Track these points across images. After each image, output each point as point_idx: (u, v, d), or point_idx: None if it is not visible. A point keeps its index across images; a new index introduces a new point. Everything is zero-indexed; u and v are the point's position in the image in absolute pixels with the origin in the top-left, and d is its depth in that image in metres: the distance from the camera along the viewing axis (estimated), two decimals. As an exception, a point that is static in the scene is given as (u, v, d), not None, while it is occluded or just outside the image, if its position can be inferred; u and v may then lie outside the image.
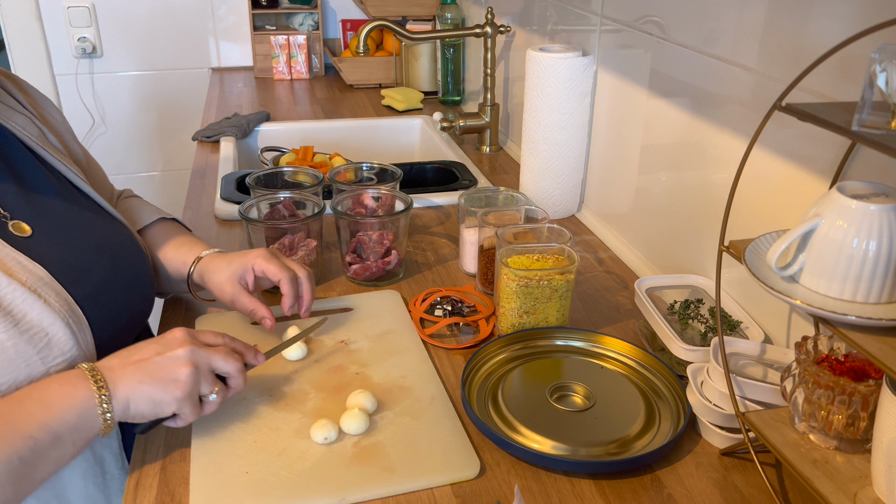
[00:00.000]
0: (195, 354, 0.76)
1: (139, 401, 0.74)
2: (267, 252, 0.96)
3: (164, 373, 0.74)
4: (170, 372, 0.74)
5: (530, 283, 0.95)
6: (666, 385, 0.90)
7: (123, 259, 0.91)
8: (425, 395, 0.89)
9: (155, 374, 0.74)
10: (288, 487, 0.75)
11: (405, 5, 2.25)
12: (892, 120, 0.57)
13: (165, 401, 0.74)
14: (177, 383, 0.74)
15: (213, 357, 0.78)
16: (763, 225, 0.90)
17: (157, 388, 0.74)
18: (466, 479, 0.77)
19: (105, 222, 0.93)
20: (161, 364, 0.75)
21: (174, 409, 0.75)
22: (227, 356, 0.79)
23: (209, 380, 0.77)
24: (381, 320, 1.04)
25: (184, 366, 0.75)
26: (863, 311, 0.62)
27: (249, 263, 0.95)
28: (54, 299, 0.78)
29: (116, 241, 0.92)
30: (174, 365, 0.75)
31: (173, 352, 0.76)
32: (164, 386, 0.74)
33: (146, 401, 0.74)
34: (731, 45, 0.94)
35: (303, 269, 0.97)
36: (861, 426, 0.68)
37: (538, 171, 1.36)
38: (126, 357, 0.76)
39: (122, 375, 0.74)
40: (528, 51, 1.32)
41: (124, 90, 2.45)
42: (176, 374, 0.74)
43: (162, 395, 0.74)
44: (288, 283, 0.94)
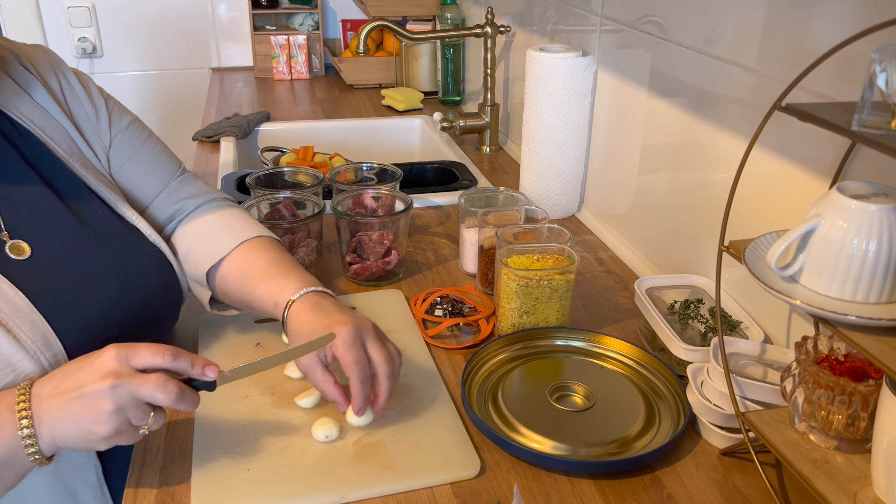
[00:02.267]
0: (116, 391, 0.68)
1: (65, 437, 0.69)
2: (349, 335, 0.80)
3: (86, 410, 0.68)
4: (91, 410, 0.68)
5: (530, 283, 0.95)
6: (666, 385, 0.90)
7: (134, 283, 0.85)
8: (426, 395, 0.89)
9: (77, 410, 0.68)
10: (289, 485, 0.75)
11: (405, 5, 2.25)
12: (892, 120, 0.57)
13: (91, 439, 0.69)
14: (99, 423, 0.68)
15: (140, 389, 0.68)
16: (763, 225, 0.90)
17: (81, 425, 0.68)
18: (467, 478, 0.77)
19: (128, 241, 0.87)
20: (82, 400, 0.68)
21: (105, 445, 0.70)
22: (157, 386, 0.69)
23: (139, 412, 0.69)
24: (384, 320, 1.04)
25: (105, 403, 0.67)
26: (863, 311, 0.62)
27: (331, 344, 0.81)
28: (28, 333, 0.74)
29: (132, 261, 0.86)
30: (95, 402, 0.67)
31: (94, 386, 0.68)
32: (86, 425, 0.68)
33: (72, 439, 0.69)
34: (731, 45, 0.94)
35: (387, 365, 0.81)
36: (861, 426, 0.68)
37: (538, 171, 1.36)
38: (57, 384, 0.70)
39: (47, 410, 0.69)
40: (528, 51, 1.32)
41: (124, 90, 2.44)
42: (97, 414, 0.68)
43: (86, 434, 0.68)
44: (358, 384, 0.79)
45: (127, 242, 0.87)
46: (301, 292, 0.86)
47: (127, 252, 0.86)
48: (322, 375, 0.82)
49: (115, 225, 0.87)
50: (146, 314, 0.86)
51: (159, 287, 0.89)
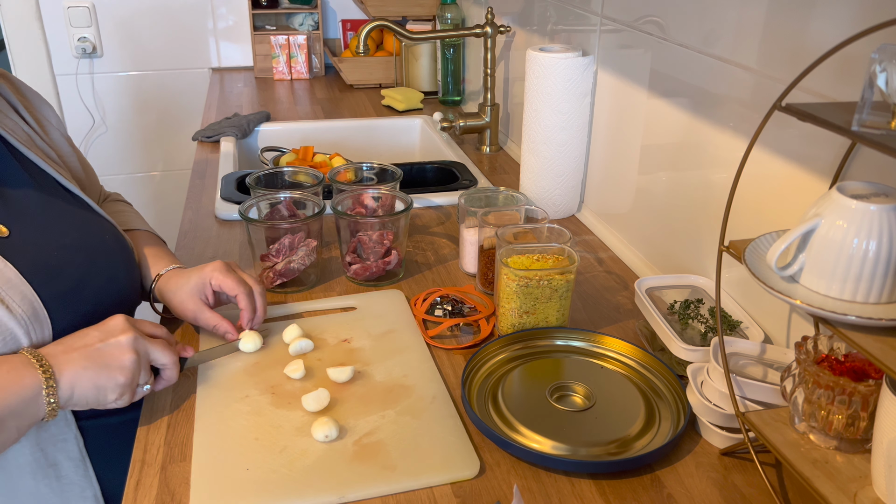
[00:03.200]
0: (137, 342, 0.78)
1: (83, 386, 0.75)
2: (223, 265, 0.96)
3: (109, 359, 0.76)
4: (114, 358, 0.76)
5: (530, 283, 0.95)
6: (666, 385, 0.90)
7: (102, 260, 0.92)
8: (426, 395, 0.89)
9: (99, 360, 0.76)
10: (288, 485, 0.75)
11: (405, 5, 2.25)
12: (892, 120, 0.57)
13: (109, 386, 0.76)
14: (121, 370, 0.76)
15: (152, 347, 0.80)
16: (763, 225, 0.90)
17: (101, 373, 0.76)
18: (466, 478, 0.77)
19: (87, 221, 0.94)
20: (105, 350, 0.76)
21: (116, 395, 0.77)
22: (164, 348, 0.81)
23: (146, 369, 0.80)
24: (385, 320, 1.04)
25: (127, 352, 0.77)
26: (863, 311, 0.62)
27: (206, 278, 0.96)
28: (18, 302, 0.79)
29: (96, 240, 0.93)
30: (118, 351, 0.77)
31: (116, 338, 0.77)
32: (108, 372, 0.76)
33: (90, 386, 0.75)
34: (731, 45, 0.94)
35: (257, 285, 0.98)
36: (861, 426, 0.68)
37: (538, 171, 1.36)
38: (69, 344, 0.77)
39: (66, 362, 0.75)
40: (528, 51, 1.32)
41: (124, 90, 2.45)
42: (120, 361, 0.76)
43: (106, 381, 0.76)
44: (245, 297, 0.95)
45: (89, 224, 0.94)
46: (167, 268, 1.00)
47: (91, 232, 0.93)
48: (210, 313, 0.95)
49: (77, 208, 0.94)
50: (113, 289, 0.92)
51: (122, 264, 0.95)
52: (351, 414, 0.86)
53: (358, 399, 0.88)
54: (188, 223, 1.36)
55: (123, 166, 2.53)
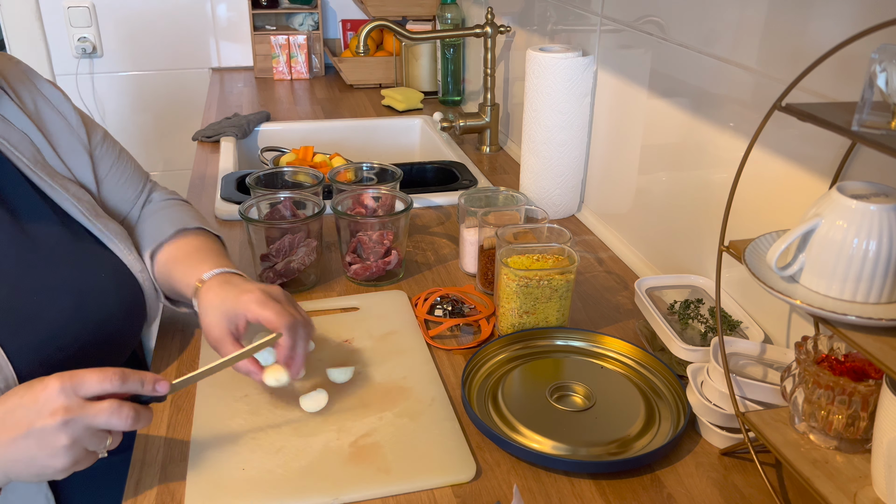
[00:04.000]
0: (69, 426, 0.66)
1: (19, 475, 0.68)
2: (262, 296, 0.83)
3: (39, 448, 0.66)
4: (44, 447, 0.66)
5: (530, 283, 0.95)
6: (666, 385, 0.90)
7: (91, 300, 0.84)
8: (425, 397, 0.89)
9: (29, 449, 0.66)
10: (283, 485, 0.75)
11: (405, 5, 2.25)
12: (892, 120, 0.57)
13: (47, 473, 0.68)
14: (54, 458, 0.66)
15: (94, 419, 0.67)
16: (763, 225, 0.90)
17: (33, 464, 0.67)
18: (462, 481, 0.77)
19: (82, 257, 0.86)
20: (33, 438, 0.66)
21: (63, 474, 0.68)
22: (112, 413, 0.67)
23: (95, 439, 0.68)
24: (387, 321, 1.04)
25: (59, 438, 0.66)
26: (863, 311, 0.62)
27: (242, 309, 0.83)
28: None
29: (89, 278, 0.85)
30: (48, 439, 0.66)
31: (44, 423, 0.65)
32: (41, 461, 0.66)
33: (26, 475, 0.68)
34: (731, 45, 0.94)
35: (303, 317, 0.84)
36: (861, 426, 0.68)
37: (538, 171, 1.36)
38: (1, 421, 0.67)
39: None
40: (528, 51, 1.32)
41: (124, 90, 2.45)
42: (52, 449, 0.66)
43: (41, 470, 0.67)
44: (288, 333, 0.81)
45: (86, 259, 0.86)
46: (212, 272, 0.88)
47: (85, 269, 0.85)
48: (231, 347, 0.83)
49: (75, 240, 0.86)
50: (104, 333, 0.85)
51: (119, 305, 0.87)
52: (349, 415, 0.85)
53: (356, 400, 0.88)
54: (188, 223, 1.36)
55: (123, 166, 2.53)
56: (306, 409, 0.86)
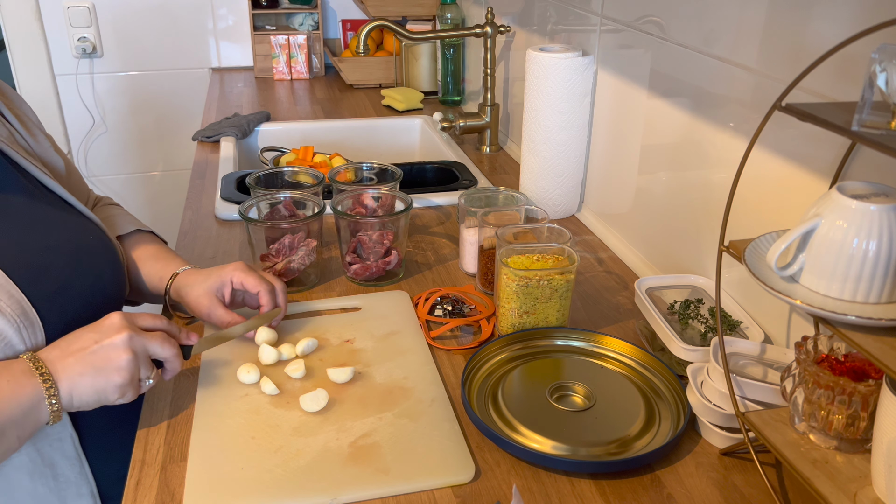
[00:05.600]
0: (133, 341, 0.77)
1: (82, 392, 0.75)
2: (244, 265, 0.97)
3: (105, 362, 0.76)
4: (110, 360, 0.76)
5: (530, 283, 0.95)
6: (666, 385, 0.90)
7: (86, 260, 0.90)
8: (426, 398, 0.89)
9: (95, 363, 0.75)
10: (281, 484, 0.75)
11: (405, 5, 2.25)
12: (892, 120, 0.57)
13: (108, 388, 0.76)
14: (118, 371, 0.76)
15: (150, 343, 0.79)
16: (763, 225, 0.90)
17: (98, 377, 0.75)
18: (461, 482, 0.77)
19: (71, 222, 0.93)
20: (100, 353, 0.76)
21: (117, 395, 0.77)
22: (163, 342, 0.81)
23: (147, 365, 0.79)
24: (388, 321, 1.04)
25: (123, 353, 0.76)
26: (863, 311, 0.62)
27: (227, 277, 0.96)
28: (6, 302, 0.78)
29: (81, 241, 0.92)
30: (114, 353, 0.76)
31: (111, 339, 0.76)
32: (105, 375, 0.76)
33: (90, 392, 0.76)
34: (731, 45, 0.94)
35: (278, 282, 0.99)
36: (861, 426, 0.68)
37: (538, 171, 1.36)
38: (65, 348, 0.77)
39: (63, 368, 0.75)
40: (528, 51, 1.32)
41: (124, 90, 2.45)
42: (116, 363, 0.76)
43: (104, 384, 0.76)
44: (266, 294, 0.96)
45: (73, 224, 0.93)
46: (184, 268, 1.01)
47: (74, 232, 0.92)
48: (223, 310, 0.95)
49: (60, 209, 0.93)
50: (99, 289, 0.91)
51: (108, 265, 0.94)
52: (349, 415, 0.85)
53: (356, 400, 0.88)
54: (188, 223, 1.36)
55: (123, 166, 2.53)
56: (306, 409, 0.86)
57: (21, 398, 0.73)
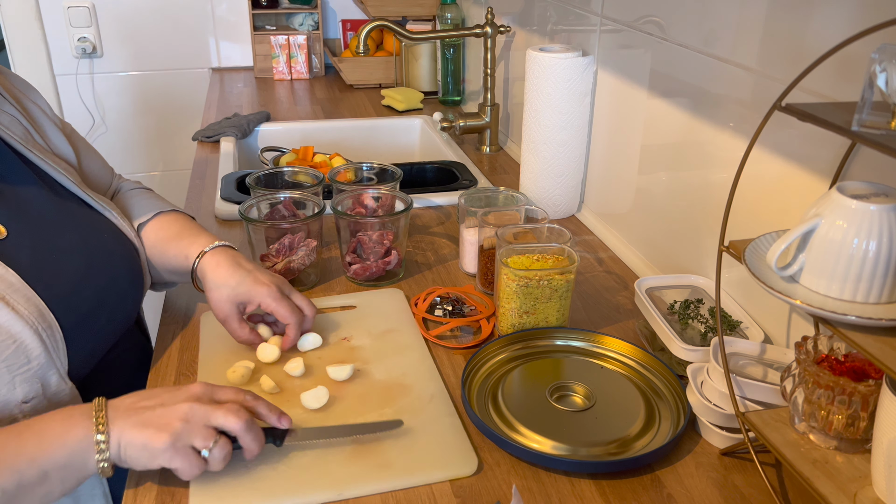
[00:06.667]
0: (192, 409, 0.73)
1: (129, 445, 0.71)
2: (277, 291, 0.94)
3: (158, 420, 0.72)
4: (162, 420, 0.72)
5: (530, 283, 0.95)
6: (666, 385, 0.90)
7: (100, 259, 0.90)
8: (425, 394, 0.89)
9: (149, 421, 0.72)
10: (287, 482, 0.76)
11: (405, 5, 2.25)
12: (892, 120, 0.57)
13: (155, 448, 0.71)
14: (164, 433, 0.71)
15: (213, 413, 0.73)
16: (763, 225, 0.90)
17: (145, 434, 0.71)
18: (464, 475, 0.78)
19: (84, 220, 0.92)
20: (159, 413, 0.73)
21: (165, 459, 0.71)
22: (229, 413, 0.74)
23: (202, 434, 0.72)
24: (385, 318, 1.05)
25: (175, 415, 0.72)
26: (863, 311, 0.62)
27: (258, 298, 0.93)
28: (24, 306, 0.78)
29: (95, 240, 0.91)
30: (169, 415, 0.72)
31: (174, 403, 0.73)
32: (152, 433, 0.71)
33: (137, 447, 0.71)
34: (731, 45, 0.94)
35: (310, 307, 0.97)
36: (861, 426, 0.68)
37: (538, 171, 1.36)
38: (137, 401, 0.74)
39: (121, 417, 0.72)
40: (528, 51, 1.32)
41: (124, 90, 2.45)
42: (165, 421, 0.72)
43: (151, 442, 0.71)
44: (295, 328, 0.95)
45: (87, 224, 0.92)
46: (212, 245, 0.98)
47: (88, 233, 0.91)
48: (239, 327, 0.95)
49: (72, 209, 0.93)
50: (114, 289, 0.91)
51: (123, 266, 0.94)
52: (350, 412, 0.86)
53: (357, 397, 0.88)
54: (188, 223, 1.36)
55: (123, 166, 2.53)
56: (308, 407, 0.86)
57: (68, 439, 0.70)
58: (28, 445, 0.69)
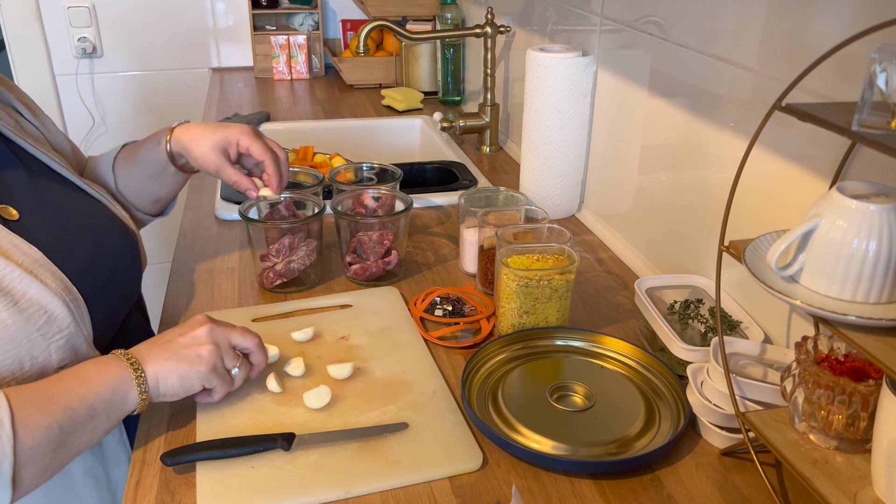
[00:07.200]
0: (214, 332, 0.82)
1: (167, 377, 0.79)
2: (251, 129, 1.02)
3: (188, 350, 0.80)
4: (192, 349, 0.80)
5: (530, 283, 0.95)
6: (666, 385, 0.90)
7: (104, 238, 0.95)
8: (427, 390, 0.89)
9: (179, 351, 0.80)
10: (294, 481, 0.76)
11: (405, 5, 2.25)
12: (892, 120, 0.57)
13: (192, 376, 0.80)
14: (200, 359, 0.80)
15: (231, 334, 0.84)
16: (763, 225, 0.90)
17: (182, 364, 0.80)
18: (469, 470, 0.78)
19: (85, 204, 0.97)
20: (184, 343, 0.81)
21: (202, 382, 0.81)
22: (244, 333, 0.85)
23: (230, 355, 0.83)
24: (381, 317, 1.05)
25: (205, 342, 0.81)
26: (863, 311, 0.62)
27: (234, 138, 1.01)
28: (50, 279, 0.82)
29: (96, 221, 0.96)
30: (196, 343, 0.81)
31: (194, 332, 0.82)
32: (188, 362, 0.80)
33: (174, 376, 0.79)
34: (731, 45, 0.94)
35: (281, 151, 1.04)
36: (861, 426, 0.68)
37: (538, 171, 1.36)
38: (153, 342, 0.82)
39: (149, 355, 0.80)
40: (528, 51, 1.32)
41: (124, 90, 2.45)
42: (198, 351, 0.80)
43: (188, 371, 0.80)
44: (272, 164, 1.02)
45: (86, 207, 0.97)
46: (176, 123, 1.05)
47: (89, 215, 0.96)
48: (232, 169, 1.01)
49: (72, 193, 0.97)
50: (120, 265, 0.96)
51: (123, 241, 0.99)
52: (353, 410, 0.86)
53: (359, 395, 0.88)
54: (188, 223, 1.36)
55: (123, 166, 2.53)
56: (310, 406, 0.86)
57: (108, 376, 0.76)
58: (73, 387, 0.75)
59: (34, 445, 0.70)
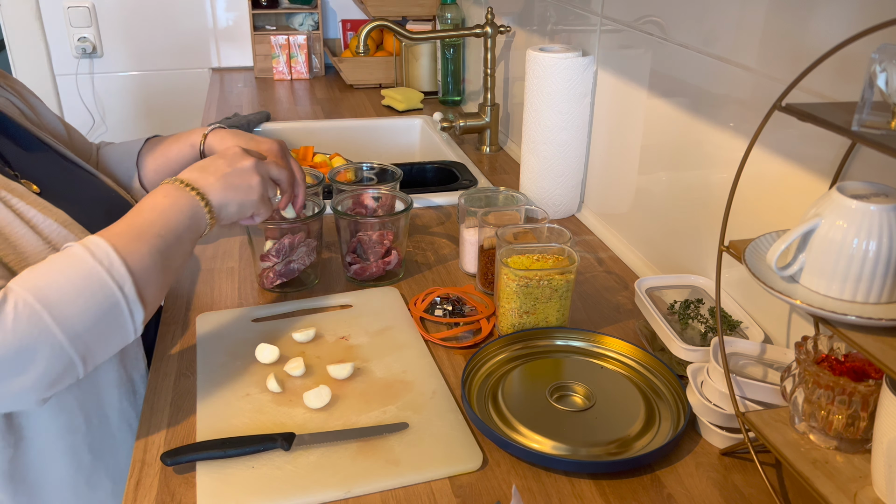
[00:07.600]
0: (259, 166, 0.93)
1: (228, 205, 0.89)
2: (279, 149, 1.07)
3: (242, 181, 0.90)
4: (245, 181, 0.91)
5: (530, 283, 0.95)
6: (666, 385, 0.90)
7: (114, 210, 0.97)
8: (427, 390, 0.89)
9: (235, 183, 0.90)
10: (295, 481, 0.76)
11: (405, 5, 2.25)
12: (892, 120, 0.57)
13: (247, 204, 0.91)
14: (251, 189, 0.91)
15: (271, 166, 0.95)
16: (763, 225, 0.90)
17: (239, 194, 0.90)
18: (470, 470, 0.78)
19: (89, 181, 1.02)
20: (236, 174, 0.90)
21: (253, 210, 0.92)
22: (280, 167, 0.97)
23: (272, 185, 0.95)
24: (381, 317, 1.05)
25: (254, 174, 0.92)
26: (863, 311, 0.62)
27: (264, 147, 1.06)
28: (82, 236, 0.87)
29: (104, 195, 1.02)
30: (247, 174, 0.91)
31: (241, 164, 0.91)
32: (244, 193, 0.90)
33: (234, 205, 0.90)
34: (731, 45, 0.94)
35: (300, 173, 1.08)
36: (861, 426, 0.68)
37: (538, 171, 1.36)
38: (201, 171, 0.90)
39: (209, 185, 0.88)
40: (528, 51, 1.32)
41: (124, 90, 2.45)
42: (250, 182, 0.91)
43: (244, 200, 0.91)
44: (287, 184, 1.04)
45: (95, 184, 1.03)
46: (211, 127, 1.12)
47: (96, 189, 1.02)
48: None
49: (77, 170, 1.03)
50: None
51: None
52: (353, 410, 0.86)
53: (359, 395, 0.88)
54: (188, 223, 1.36)
55: (123, 166, 2.53)
56: (310, 406, 0.86)
57: (182, 206, 0.85)
58: (155, 220, 0.83)
59: (145, 267, 0.79)
